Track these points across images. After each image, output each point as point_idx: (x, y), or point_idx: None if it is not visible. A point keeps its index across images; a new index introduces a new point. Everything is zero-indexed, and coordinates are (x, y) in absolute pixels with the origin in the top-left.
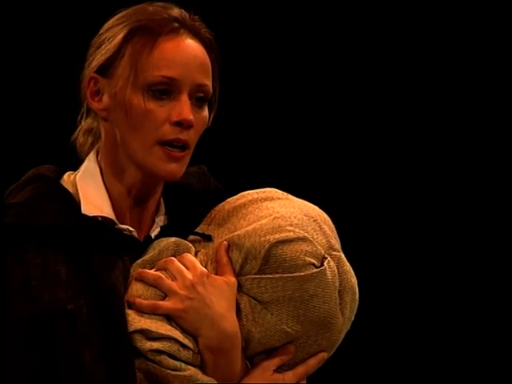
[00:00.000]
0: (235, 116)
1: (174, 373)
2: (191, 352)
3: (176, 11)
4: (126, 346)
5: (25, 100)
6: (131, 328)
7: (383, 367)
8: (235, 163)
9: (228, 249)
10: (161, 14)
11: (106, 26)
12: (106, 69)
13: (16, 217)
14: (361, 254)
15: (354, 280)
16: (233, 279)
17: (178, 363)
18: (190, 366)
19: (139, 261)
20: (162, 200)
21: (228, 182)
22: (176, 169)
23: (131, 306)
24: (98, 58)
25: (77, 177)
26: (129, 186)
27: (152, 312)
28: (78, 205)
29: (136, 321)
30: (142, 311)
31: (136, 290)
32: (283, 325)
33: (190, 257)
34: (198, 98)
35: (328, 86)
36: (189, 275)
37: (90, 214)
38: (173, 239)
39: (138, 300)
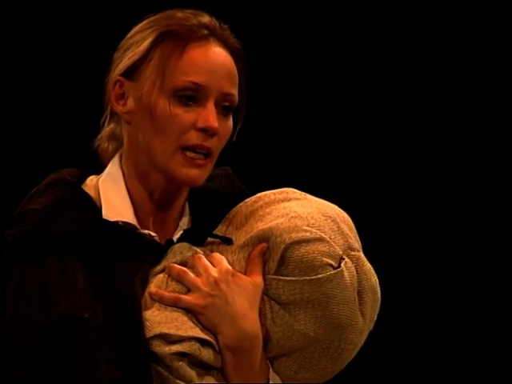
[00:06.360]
0: (256, 117)
1: None
2: (212, 351)
3: (206, 19)
4: (143, 352)
5: (50, 103)
6: (150, 334)
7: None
8: (255, 163)
9: (266, 251)
10: (191, 21)
11: (135, 30)
12: (132, 72)
13: (35, 224)
14: (383, 252)
15: (374, 279)
16: (259, 280)
17: (194, 373)
18: (207, 376)
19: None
20: (187, 204)
21: (249, 182)
22: (197, 175)
23: (152, 296)
24: (125, 60)
25: (99, 181)
26: (151, 191)
27: (173, 304)
28: (98, 210)
29: (155, 326)
30: (162, 303)
31: (155, 283)
32: (301, 326)
33: (218, 255)
34: (224, 107)
35: (346, 87)
36: (214, 272)
37: (111, 220)
38: (181, 244)
39: (159, 291)
